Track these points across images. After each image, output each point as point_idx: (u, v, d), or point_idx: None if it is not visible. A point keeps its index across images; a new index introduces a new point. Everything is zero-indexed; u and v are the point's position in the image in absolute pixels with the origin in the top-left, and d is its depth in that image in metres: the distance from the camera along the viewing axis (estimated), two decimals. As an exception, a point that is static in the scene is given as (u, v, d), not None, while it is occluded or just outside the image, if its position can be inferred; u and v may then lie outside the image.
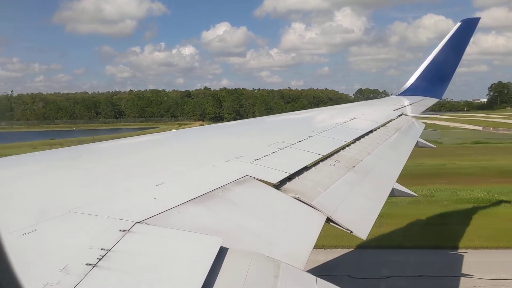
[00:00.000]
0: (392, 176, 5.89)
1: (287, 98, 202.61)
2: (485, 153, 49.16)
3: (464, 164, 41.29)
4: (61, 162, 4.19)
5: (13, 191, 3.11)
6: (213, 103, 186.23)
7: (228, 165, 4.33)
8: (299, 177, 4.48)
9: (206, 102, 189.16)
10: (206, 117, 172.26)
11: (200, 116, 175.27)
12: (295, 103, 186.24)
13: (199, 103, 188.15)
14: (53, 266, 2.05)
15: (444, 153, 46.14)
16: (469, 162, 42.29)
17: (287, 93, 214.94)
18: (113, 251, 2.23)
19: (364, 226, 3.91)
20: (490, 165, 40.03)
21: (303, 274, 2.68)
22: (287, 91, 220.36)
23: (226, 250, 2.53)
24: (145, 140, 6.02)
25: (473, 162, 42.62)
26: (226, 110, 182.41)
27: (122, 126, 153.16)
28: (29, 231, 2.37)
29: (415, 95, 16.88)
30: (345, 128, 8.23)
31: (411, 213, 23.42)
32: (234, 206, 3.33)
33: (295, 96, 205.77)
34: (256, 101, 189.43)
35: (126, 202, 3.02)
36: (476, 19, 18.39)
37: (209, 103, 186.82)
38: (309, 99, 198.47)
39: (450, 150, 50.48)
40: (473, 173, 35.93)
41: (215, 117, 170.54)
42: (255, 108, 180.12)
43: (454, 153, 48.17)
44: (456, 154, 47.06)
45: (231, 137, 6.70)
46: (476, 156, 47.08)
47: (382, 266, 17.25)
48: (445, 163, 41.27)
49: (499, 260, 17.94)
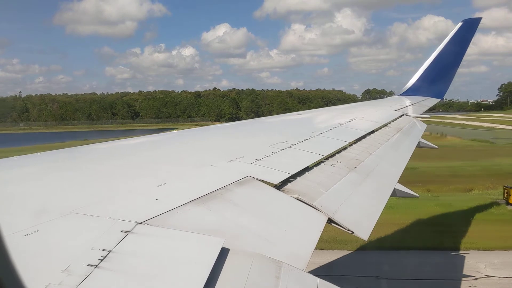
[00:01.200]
0: (393, 177, 5.88)
1: (297, 99, 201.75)
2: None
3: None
4: (62, 163, 4.19)
5: (15, 192, 3.12)
6: (230, 104, 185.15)
7: (229, 165, 4.33)
8: (300, 177, 4.47)
9: (222, 102, 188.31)
10: (222, 118, 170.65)
11: (217, 117, 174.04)
12: (311, 103, 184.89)
13: (215, 104, 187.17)
14: (55, 267, 2.05)
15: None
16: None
17: (296, 93, 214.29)
18: (114, 252, 2.24)
19: (366, 227, 3.90)
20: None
21: (304, 275, 2.68)
22: (295, 92, 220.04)
23: (227, 250, 2.53)
24: (147, 141, 6.02)
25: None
26: (244, 111, 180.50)
27: (139, 127, 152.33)
28: (31, 232, 2.37)
29: (416, 95, 16.86)
30: (346, 129, 8.22)
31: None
32: (235, 207, 3.33)
33: (304, 97, 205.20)
34: (274, 102, 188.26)
35: (128, 203, 3.02)
36: (477, 19, 18.37)
37: (225, 104, 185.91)
38: (318, 99, 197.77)
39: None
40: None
41: (232, 118, 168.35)
42: (273, 109, 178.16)
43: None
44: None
45: (232, 137, 6.70)
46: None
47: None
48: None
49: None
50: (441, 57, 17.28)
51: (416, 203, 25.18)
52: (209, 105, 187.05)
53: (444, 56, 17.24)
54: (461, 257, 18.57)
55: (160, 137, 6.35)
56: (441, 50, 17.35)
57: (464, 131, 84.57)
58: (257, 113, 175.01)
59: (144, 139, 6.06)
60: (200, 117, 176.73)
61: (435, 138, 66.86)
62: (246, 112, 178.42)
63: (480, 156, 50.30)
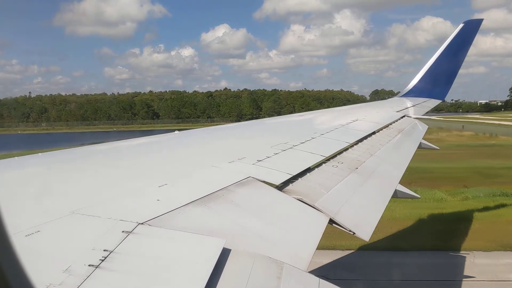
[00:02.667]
0: (395, 178, 5.87)
1: (315, 99, 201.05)
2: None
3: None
4: (64, 164, 4.20)
5: (16, 192, 3.12)
6: (250, 104, 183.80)
7: (231, 166, 4.33)
8: (302, 178, 4.47)
9: (242, 102, 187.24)
10: (243, 118, 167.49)
11: (237, 117, 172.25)
12: (330, 103, 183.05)
13: (235, 104, 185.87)
14: (56, 267, 2.05)
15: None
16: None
17: (307, 93, 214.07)
18: (115, 252, 2.23)
19: (367, 228, 3.90)
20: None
21: (306, 275, 2.67)
22: (306, 92, 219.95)
23: (229, 251, 2.53)
24: (148, 142, 6.03)
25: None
26: (265, 111, 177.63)
27: (161, 127, 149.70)
28: (32, 232, 2.37)
29: (418, 96, 16.85)
30: (347, 130, 8.22)
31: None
32: (237, 208, 3.33)
33: (315, 97, 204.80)
34: (296, 102, 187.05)
35: (129, 203, 3.02)
36: (479, 20, 18.38)
37: (245, 104, 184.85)
38: (328, 100, 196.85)
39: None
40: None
41: (252, 118, 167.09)
42: (294, 109, 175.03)
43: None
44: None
45: (234, 138, 6.70)
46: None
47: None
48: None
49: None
50: (442, 59, 17.28)
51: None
52: (229, 105, 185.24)
53: (446, 58, 17.24)
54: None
55: (161, 138, 6.35)
56: (442, 52, 17.36)
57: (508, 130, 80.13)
58: (279, 113, 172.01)
59: (145, 140, 6.06)
60: (220, 117, 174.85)
61: (486, 138, 65.52)
62: (268, 112, 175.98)
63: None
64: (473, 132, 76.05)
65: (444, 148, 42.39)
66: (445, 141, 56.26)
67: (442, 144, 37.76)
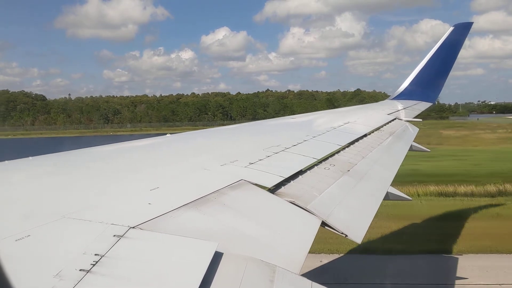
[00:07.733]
0: (386, 180, 5.91)
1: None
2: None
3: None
4: (54, 167, 4.16)
5: (6, 196, 3.08)
6: (326, 104, 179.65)
7: (223, 169, 4.32)
8: (294, 181, 4.48)
9: (318, 103, 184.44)
10: None
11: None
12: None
13: (311, 105, 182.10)
14: (47, 272, 2.03)
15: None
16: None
17: (319, 95, 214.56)
18: (107, 256, 2.22)
19: (359, 230, 3.91)
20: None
21: (298, 278, 2.68)
22: (318, 94, 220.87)
23: (221, 254, 2.52)
24: (140, 145, 6.00)
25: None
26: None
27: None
28: (22, 236, 2.35)
29: (408, 99, 16.98)
30: (339, 132, 8.26)
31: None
32: (229, 211, 3.32)
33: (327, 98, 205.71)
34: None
35: (120, 207, 3.01)
36: (469, 23, 18.57)
37: (321, 105, 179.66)
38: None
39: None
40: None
41: None
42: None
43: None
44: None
45: (226, 141, 6.69)
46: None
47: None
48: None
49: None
50: (432, 62, 17.42)
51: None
52: (304, 106, 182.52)
53: (436, 61, 17.38)
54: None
55: (153, 141, 6.32)
56: (432, 55, 17.49)
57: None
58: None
59: (137, 143, 6.02)
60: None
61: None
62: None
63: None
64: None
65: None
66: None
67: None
